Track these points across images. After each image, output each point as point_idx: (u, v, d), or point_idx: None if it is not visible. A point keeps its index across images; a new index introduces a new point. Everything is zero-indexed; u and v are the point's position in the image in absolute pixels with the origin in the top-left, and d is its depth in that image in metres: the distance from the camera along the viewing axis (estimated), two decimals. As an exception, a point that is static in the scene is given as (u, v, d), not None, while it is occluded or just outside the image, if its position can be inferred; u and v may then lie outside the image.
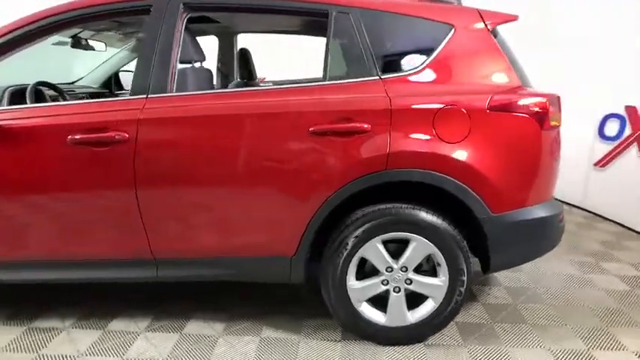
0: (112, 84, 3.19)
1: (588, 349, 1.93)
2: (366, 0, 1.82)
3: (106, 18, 1.88)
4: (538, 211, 1.84)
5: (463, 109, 1.70)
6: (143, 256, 1.84)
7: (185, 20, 1.81)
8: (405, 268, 1.84)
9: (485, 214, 1.76)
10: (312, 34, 2.97)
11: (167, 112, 1.71)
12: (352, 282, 1.86)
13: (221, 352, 1.88)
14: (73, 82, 3.12)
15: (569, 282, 2.55)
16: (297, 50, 3.71)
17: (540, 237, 1.90)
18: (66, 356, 1.84)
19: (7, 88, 2.03)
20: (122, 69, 3.18)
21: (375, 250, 1.82)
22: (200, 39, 3.21)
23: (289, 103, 1.73)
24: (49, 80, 2.39)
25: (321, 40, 3.20)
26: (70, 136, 1.68)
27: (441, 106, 1.70)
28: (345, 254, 1.80)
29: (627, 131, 3.42)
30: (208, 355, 1.86)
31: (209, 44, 3.37)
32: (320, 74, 1.83)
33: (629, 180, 3.37)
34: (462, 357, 1.87)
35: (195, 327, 2.06)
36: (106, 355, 1.85)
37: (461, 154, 1.70)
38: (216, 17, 2.49)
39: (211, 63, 3.87)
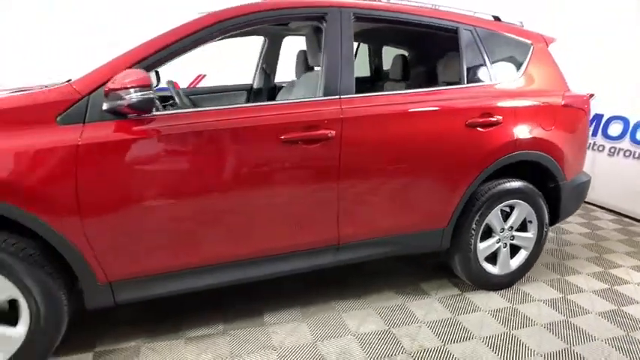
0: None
1: (605, 270, 2.81)
2: (480, 20, 2.33)
3: (284, 21, 1.95)
4: (582, 177, 2.63)
5: (552, 106, 2.36)
6: (330, 243, 2.00)
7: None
8: (511, 228, 2.42)
9: (563, 180, 2.45)
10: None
11: (365, 110, 1.93)
12: (479, 244, 2.35)
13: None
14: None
15: (554, 232, 3.49)
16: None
17: (582, 196, 2.69)
18: None
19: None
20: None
21: (496, 216, 2.35)
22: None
23: (453, 102, 2.12)
24: None
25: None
26: (284, 135, 1.76)
27: (540, 103, 2.32)
28: (480, 222, 2.28)
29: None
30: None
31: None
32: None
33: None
34: (524, 296, 2.54)
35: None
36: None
37: (553, 138, 2.35)
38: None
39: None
